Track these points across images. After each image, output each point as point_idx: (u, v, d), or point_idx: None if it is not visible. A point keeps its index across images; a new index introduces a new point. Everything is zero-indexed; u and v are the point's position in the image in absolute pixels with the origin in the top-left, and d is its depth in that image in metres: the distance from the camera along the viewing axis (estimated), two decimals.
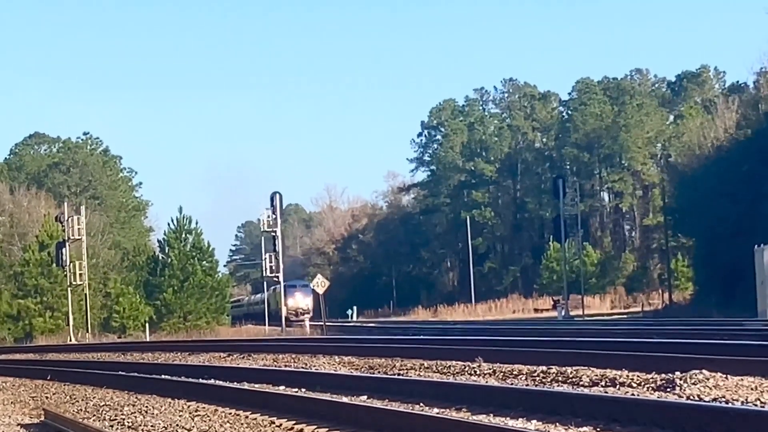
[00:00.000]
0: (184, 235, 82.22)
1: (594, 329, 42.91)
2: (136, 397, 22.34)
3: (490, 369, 21.17)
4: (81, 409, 21.18)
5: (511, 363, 21.48)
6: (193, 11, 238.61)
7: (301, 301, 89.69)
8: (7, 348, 64.13)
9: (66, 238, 77.67)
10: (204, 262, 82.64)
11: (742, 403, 13.93)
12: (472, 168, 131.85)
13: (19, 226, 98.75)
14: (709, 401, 14.25)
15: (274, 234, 73.31)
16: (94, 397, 23.53)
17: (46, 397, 25.55)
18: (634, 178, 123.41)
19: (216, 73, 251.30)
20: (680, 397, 14.99)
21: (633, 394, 15.63)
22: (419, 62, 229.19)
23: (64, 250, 77.59)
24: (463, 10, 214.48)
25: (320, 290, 63.97)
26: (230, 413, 17.88)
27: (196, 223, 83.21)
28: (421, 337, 42.46)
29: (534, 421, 13.70)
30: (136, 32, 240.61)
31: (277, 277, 74.20)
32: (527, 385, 18.54)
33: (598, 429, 12.78)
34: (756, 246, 53.64)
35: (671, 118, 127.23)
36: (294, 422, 15.73)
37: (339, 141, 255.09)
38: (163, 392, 22.47)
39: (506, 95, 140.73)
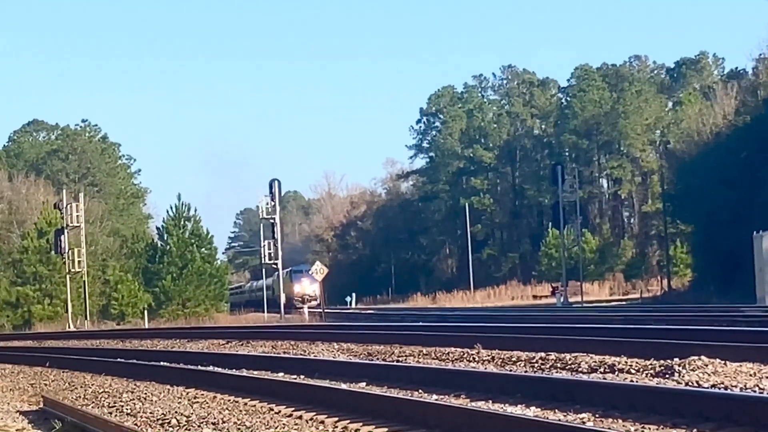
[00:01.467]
0: (182, 222, 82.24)
1: (593, 316, 42.90)
2: (135, 384, 22.34)
3: (488, 355, 21.17)
4: (80, 396, 21.18)
5: (510, 349, 21.48)
6: None
7: (308, 287, 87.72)
8: (6, 335, 64.21)
9: (65, 226, 77.63)
10: (203, 249, 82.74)
11: (741, 389, 13.93)
12: (471, 155, 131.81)
13: (18, 214, 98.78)
14: (707, 387, 14.25)
15: (272, 221, 73.20)
16: (92, 384, 23.53)
17: (45, 384, 25.56)
18: (633, 165, 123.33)
19: (215, 60, 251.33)
20: (679, 383, 14.99)
21: (632, 381, 15.64)
22: (418, 49, 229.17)
23: (62, 237, 77.58)
24: None
25: (319, 277, 64.13)
26: (229, 400, 17.88)
27: (195, 210, 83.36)
28: (420, 323, 42.47)
29: (533, 408, 13.70)
30: (134, 19, 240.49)
31: (276, 264, 74.10)
32: (526, 371, 18.54)
33: (597, 415, 12.77)
34: (755, 232, 53.68)
35: (670, 104, 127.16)
36: (293, 409, 15.72)
37: (338, 128, 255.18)
38: (162, 379, 22.48)
39: (505, 82, 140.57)
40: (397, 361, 22.52)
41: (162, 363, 26.33)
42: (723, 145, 71.64)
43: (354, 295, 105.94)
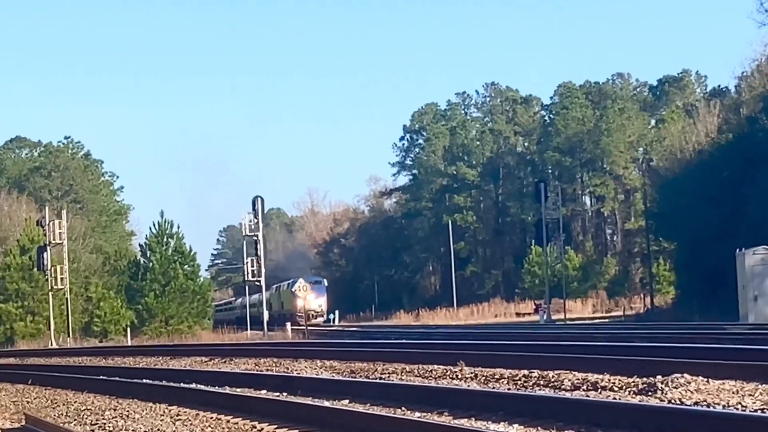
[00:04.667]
0: (165, 239, 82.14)
1: (576, 333, 42.94)
2: (118, 402, 22.25)
3: (471, 373, 21.16)
4: (62, 414, 21.09)
5: (493, 367, 21.47)
6: (176, 13, 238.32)
7: (313, 301, 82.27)
8: None
9: (47, 243, 77.40)
10: (186, 266, 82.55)
11: (724, 406, 13.95)
12: (454, 172, 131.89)
13: (0, 231, 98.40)
14: (690, 405, 14.27)
15: (255, 238, 73.11)
16: (75, 402, 23.43)
17: (27, 402, 25.43)
18: (616, 183, 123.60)
19: (198, 77, 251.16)
20: (662, 400, 15.01)
21: (614, 398, 15.64)
22: (401, 66, 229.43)
23: (45, 254, 77.31)
24: (445, 14, 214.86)
25: (302, 295, 64.05)
26: (212, 417, 17.83)
27: (178, 227, 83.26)
28: (403, 341, 42.40)
29: (516, 425, 13.71)
30: (116, 35, 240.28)
31: (259, 281, 73.93)
32: (509, 389, 18.54)
33: None
34: (737, 250, 53.70)
35: (653, 122, 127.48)
36: (275, 426, 15.70)
37: (321, 145, 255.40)
38: (145, 396, 22.39)
39: (488, 99, 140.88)
40: (380, 378, 22.49)
41: (145, 380, 26.23)
42: (706, 162, 71.78)
43: (337, 312, 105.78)
